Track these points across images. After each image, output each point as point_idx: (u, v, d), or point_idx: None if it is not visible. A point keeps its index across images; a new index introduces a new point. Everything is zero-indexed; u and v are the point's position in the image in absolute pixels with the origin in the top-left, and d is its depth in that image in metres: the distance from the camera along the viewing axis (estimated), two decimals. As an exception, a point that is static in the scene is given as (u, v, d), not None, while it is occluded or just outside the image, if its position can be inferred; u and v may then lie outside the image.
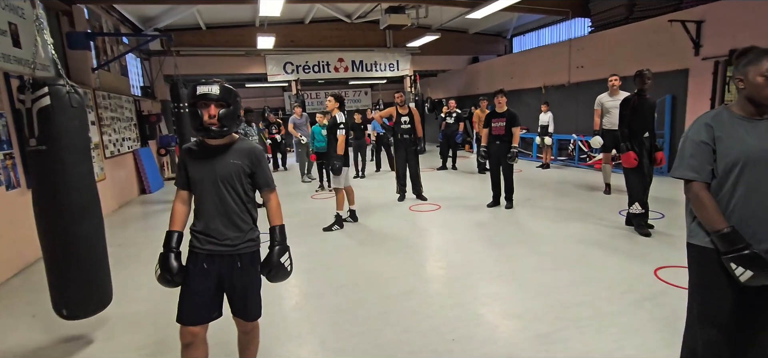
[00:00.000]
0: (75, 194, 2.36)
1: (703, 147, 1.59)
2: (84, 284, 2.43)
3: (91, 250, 2.45)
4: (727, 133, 1.56)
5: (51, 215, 2.33)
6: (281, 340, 2.60)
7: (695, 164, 1.60)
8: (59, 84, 2.29)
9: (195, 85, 1.76)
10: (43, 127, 2.25)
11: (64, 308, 2.42)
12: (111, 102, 7.22)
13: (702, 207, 1.59)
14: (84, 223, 2.40)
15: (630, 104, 4.11)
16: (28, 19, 4.68)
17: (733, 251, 1.49)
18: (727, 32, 6.45)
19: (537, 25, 12.52)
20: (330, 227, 4.84)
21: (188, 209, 1.91)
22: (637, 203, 4.17)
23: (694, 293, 1.69)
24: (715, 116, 1.61)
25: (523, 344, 2.41)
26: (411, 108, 6.13)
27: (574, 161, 9.10)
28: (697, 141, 1.60)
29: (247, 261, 1.86)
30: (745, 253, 1.48)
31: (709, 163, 1.58)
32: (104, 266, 2.58)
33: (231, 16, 10.74)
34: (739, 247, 1.49)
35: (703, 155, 1.59)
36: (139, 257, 4.35)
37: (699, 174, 1.59)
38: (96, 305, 2.51)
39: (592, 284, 3.14)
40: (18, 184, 4.22)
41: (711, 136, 1.58)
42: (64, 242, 2.35)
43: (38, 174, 2.33)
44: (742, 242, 1.49)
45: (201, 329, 1.84)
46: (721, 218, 1.55)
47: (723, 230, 1.52)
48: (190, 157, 1.83)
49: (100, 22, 7.46)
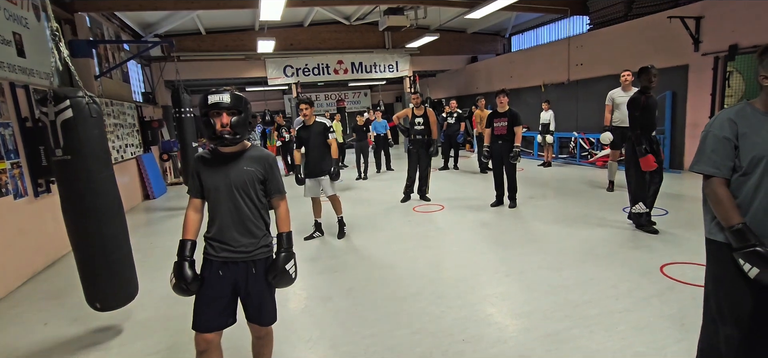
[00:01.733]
0: (101, 198, 2.56)
1: (726, 143, 1.58)
2: (114, 280, 2.66)
3: (119, 248, 2.69)
4: (753, 129, 1.55)
5: (82, 218, 2.53)
6: (292, 343, 2.63)
7: (716, 160, 1.59)
8: (79, 96, 2.42)
9: (206, 94, 1.78)
10: (68, 137, 2.40)
11: (98, 301, 2.65)
12: (114, 109, 7.24)
13: (718, 203, 1.60)
14: (110, 224, 2.61)
15: (639, 105, 4.01)
16: (33, 28, 4.71)
17: (743, 248, 1.52)
18: (726, 27, 6.49)
19: (535, 23, 12.55)
20: (341, 231, 4.80)
21: (201, 217, 1.93)
22: (641, 203, 4.17)
23: (713, 289, 1.69)
24: (739, 112, 1.60)
25: (533, 344, 2.44)
26: (426, 109, 6.12)
27: (576, 159, 9.12)
28: (720, 136, 1.59)
29: (262, 267, 1.88)
30: (753, 249, 1.50)
31: (731, 160, 1.58)
32: (130, 262, 2.83)
33: (231, 21, 10.78)
34: (749, 243, 1.51)
35: (725, 151, 1.58)
36: (146, 263, 4.36)
37: (719, 170, 1.59)
38: (125, 297, 2.75)
39: (598, 282, 3.16)
40: (25, 192, 4.24)
41: (734, 132, 1.57)
42: (94, 242, 2.57)
43: (66, 182, 2.49)
44: (752, 238, 1.51)
45: (216, 336, 1.86)
46: (735, 214, 1.55)
47: (736, 226, 1.54)
48: (203, 166, 1.86)
49: (102, 29, 7.49)
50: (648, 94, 4.05)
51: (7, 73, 4.16)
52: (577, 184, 6.95)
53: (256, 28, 11.21)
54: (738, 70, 6.40)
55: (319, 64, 12.41)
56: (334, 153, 4.60)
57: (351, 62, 12.69)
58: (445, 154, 9.41)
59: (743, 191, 1.57)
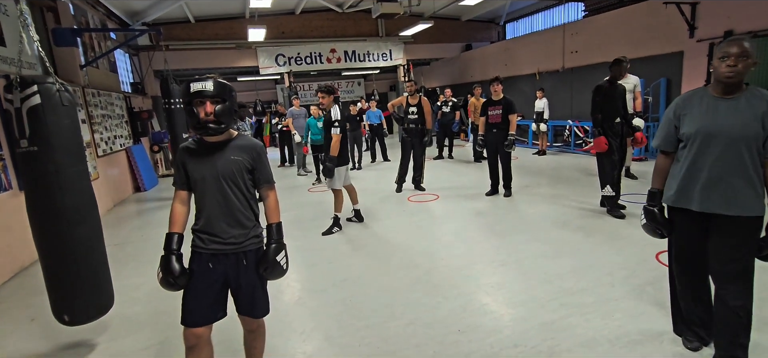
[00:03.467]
0: (70, 196, 2.29)
1: (668, 122, 1.98)
2: (84, 289, 2.37)
3: (90, 253, 2.39)
4: (691, 111, 1.89)
5: (46, 218, 2.27)
6: (285, 336, 2.59)
7: (661, 136, 2.02)
8: (49, 82, 2.22)
9: (189, 82, 1.71)
10: (34, 127, 2.17)
11: (66, 314, 2.37)
12: (101, 99, 7.08)
13: (654, 170, 2.09)
14: (81, 226, 2.33)
15: (602, 91, 4.28)
16: (12, 15, 4.54)
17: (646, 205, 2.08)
18: (721, 14, 6.45)
19: (530, 10, 12.45)
20: (329, 230, 4.53)
21: (188, 210, 1.87)
22: (609, 186, 4.34)
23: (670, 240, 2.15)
24: (687, 97, 1.94)
25: (530, 333, 2.41)
26: (421, 99, 6.02)
27: (570, 147, 9.12)
28: (667, 117, 2.00)
29: (253, 258, 1.83)
30: (646, 207, 2.08)
31: (672, 137, 1.97)
32: (104, 269, 2.53)
33: (220, 9, 10.55)
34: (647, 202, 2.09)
35: (667, 129, 1.99)
36: (137, 257, 4.29)
37: (661, 143, 2.03)
38: (97, 310, 2.46)
39: (594, 270, 3.15)
40: (9, 186, 4.13)
41: (676, 114, 1.95)
42: (61, 246, 2.29)
43: (30, 176, 2.26)
44: (652, 200, 2.06)
45: (205, 330, 1.81)
46: (658, 179, 2.06)
47: (651, 189, 2.07)
48: (189, 157, 1.78)
49: (87, 17, 7.27)
50: (613, 83, 4.29)
51: (-13, 62, 4.02)
52: (572, 172, 6.94)
53: (246, 15, 10.99)
54: (732, 56, 6.37)
55: (312, 53, 12.23)
56: (334, 149, 4.29)
57: (344, 51, 12.52)
58: (439, 144, 9.36)
59: (679, 161, 1.95)
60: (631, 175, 6.04)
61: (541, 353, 2.23)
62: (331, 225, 4.58)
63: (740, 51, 1.69)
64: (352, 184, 4.80)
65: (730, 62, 1.71)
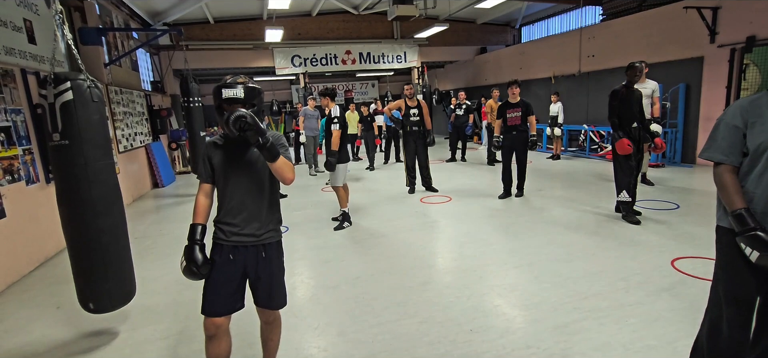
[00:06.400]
0: (97, 188, 2.38)
1: (735, 131, 1.62)
2: (109, 278, 2.46)
3: (115, 243, 2.49)
4: (763, 118, 1.58)
5: (75, 208, 2.36)
6: (300, 330, 2.64)
7: (724, 147, 1.64)
8: (80, 78, 2.32)
9: (220, 87, 1.76)
10: (66, 121, 2.27)
11: (91, 302, 2.46)
12: (123, 97, 7.28)
13: (723, 188, 1.64)
14: (107, 216, 2.43)
15: (618, 96, 4.25)
16: (43, 15, 4.73)
17: (744, 231, 1.55)
18: (744, 18, 6.32)
19: (546, 14, 12.35)
20: (340, 225, 4.71)
21: (211, 202, 1.93)
22: (625, 191, 4.29)
23: (720, 273, 1.72)
24: (754, 101, 1.62)
25: (542, 335, 2.42)
26: (420, 100, 6.11)
27: (585, 152, 9.01)
28: (730, 124, 1.63)
29: (272, 251, 1.88)
30: (753, 233, 1.53)
31: (739, 148, 1.61)
32: (128, 259, 2.62)
33: (238, 10, 10.74)
34: (749, 227, 1.54)
35: (734, 139, 1.62)
36: (155, 250, 4.41)
37: (727, 157, 1.63)
38: (121, 299, 2.55)
39: (608, 275, 3.13)
40: (37, 179, 4.29)
41: (744, 121, 1.61)
42: (88, 236, 2.38)
43: (62, 168, 2.35)
44: (752, 222, 1.54)
45: (225, 320, 1.87)
46: (739, 199, 1.59)
47: (737, 211, 1.57)
48: (215, 151, 1.85)
49: (111, 17, 7.50)
50: (630, 88, 4.25)
51: (18, 59, 4.19)
52: (587, 176, 6.87)
53: (264, 17, 11.17)
54: (755, 62, 6.24)
55: (327, 54, 12.35)
56: (335, 144, 4.49)
57: (359, 52, 12.60)
58: (452, 146, 9.36)
59: (749, 179, 1.60)
60: (648, 182, 5.95)
61: (554, 355, 2.23)
62: (341, 220, 4.72)
63: None
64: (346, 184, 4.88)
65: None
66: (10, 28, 4.09)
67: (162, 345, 2.57)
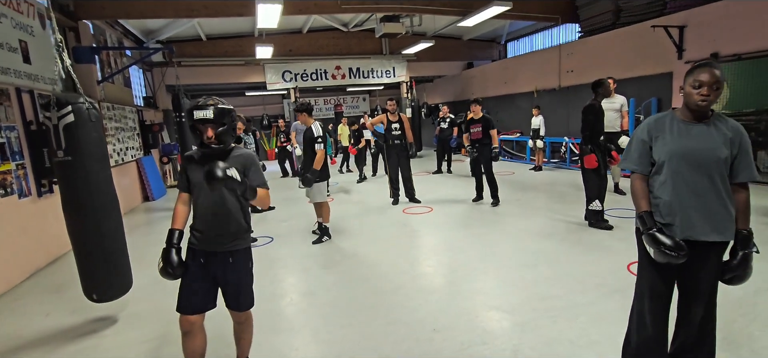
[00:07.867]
0: (97, 196, 2.76)
1: (643, 144, 1.88)
2: (110, 272, 2.86)
3: (114, 243, 2.88)
4: (663, 134, 1.83)
5: (78, 214, 2.73)
6: (277, 332, 2.81)
7: (635, 158, 1.90)
8: (80, 102, 2.65)
9: (192, 108, 1.96)
10: (69, 140, 2.62)
11: (95, 293, 2.84)
12: (115, 113, 7.47)
13: (633, 193, 1.91)
14: (107, 220, 2.82)
15: (594, 111, 4.53)
16: (38, 36, 4.94)
17: (644, 231, 1.80)
18: (708, 36, 6.68)
19: (529, 30, 12.75)
20: (319, 239, 4.75)
21: (188, 210, 2.13)
22: (597, 200, 4.57)
23: (640, 268, 1.95)
24: (659, 119, 1.88)
25: (499, 333, 2.62)
26: (400, 115, 6.40)
27: (566, 163, 9.30)
28: (640, 139, 1.90)
29: (239, 257, 2.08)
30: (650, 233, 1.77)
31: (647, 158, 1.88)
32: (125, 256, 3.03)
33: (230, 28, 11.02)
34: (647, 227, 1.79)
35: (642, 151, 1.88)
36: (142, 261, 4.55)
37: (637, 166, 1.90)
38: (120, 290, 2.95)
39: (569, 279, 3.34)
40: (29, 192, 4.45)
41: (650, 136, 1.87)
42: (92, 237, 2.77)
43: (66, 181, 2.71)
44: (651, 223, 1.79)
45: (198, 318, 2.05)
46: (645, 202, 1.85)
47: (641, 212, 1.84)
48: (191, 164, 2.06)
49: (105, 35, 7.73)
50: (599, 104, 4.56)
51: (14, 79, 4.38)
52: (565, 187, 7.12)
53: (255, 34, 11.46)
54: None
55: (318, 70, 12.64)
56: (318, 163, 4.47)
57: (349, 68, 12.91)
58: (438, 159, 9.61)
59: (656, 186, 1.85)
60: (620, 191, 6.21)
61: (506, 349, 2.43)
62: (321, 234, 4.81)
63: (713, 81, 1.69)
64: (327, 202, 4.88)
65: (704, 92, 1.71)
66: (6, 49, 4.29)
67: (145, 347, 2.73)
